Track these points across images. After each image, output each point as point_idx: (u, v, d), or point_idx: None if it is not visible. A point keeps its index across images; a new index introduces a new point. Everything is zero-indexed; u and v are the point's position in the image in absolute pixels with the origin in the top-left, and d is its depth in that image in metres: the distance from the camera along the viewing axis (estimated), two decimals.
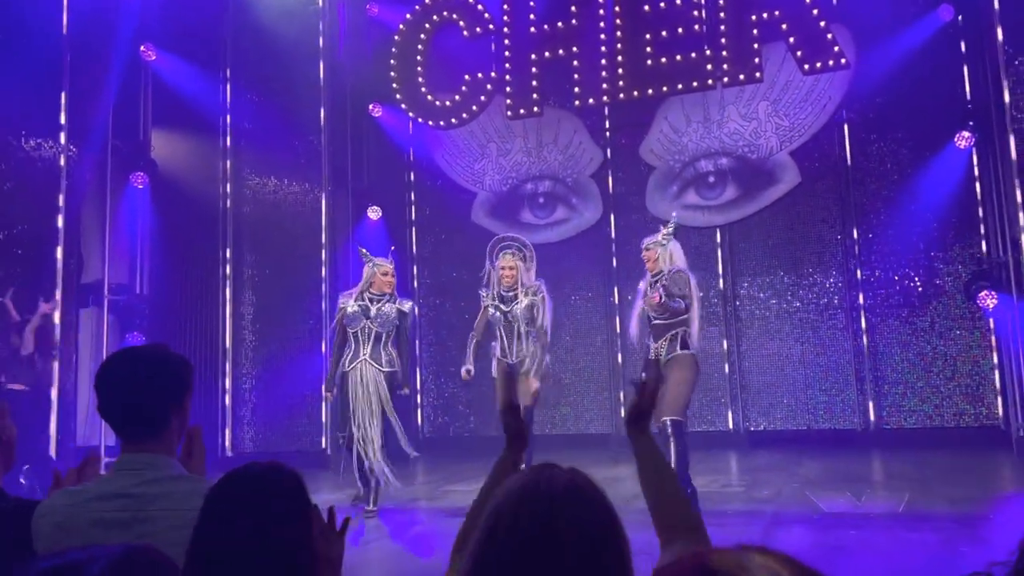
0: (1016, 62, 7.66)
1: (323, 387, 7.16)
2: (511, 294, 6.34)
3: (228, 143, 9.83)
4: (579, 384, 10.20)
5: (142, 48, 9.23)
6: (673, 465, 5.14)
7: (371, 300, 6.27)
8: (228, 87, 9.89)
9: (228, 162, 9.80)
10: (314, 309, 9.36)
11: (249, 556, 1.39)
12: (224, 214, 9.74)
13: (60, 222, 8.40)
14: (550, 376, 6.93)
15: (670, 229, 6.16)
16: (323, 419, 9.08)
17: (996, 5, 7.68)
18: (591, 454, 8.52)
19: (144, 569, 1.03)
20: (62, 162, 8.51)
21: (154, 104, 9.60)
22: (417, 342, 10.70)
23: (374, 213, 10.09)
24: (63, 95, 8.52)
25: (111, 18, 8.82)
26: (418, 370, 10.70)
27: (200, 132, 9.79)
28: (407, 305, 6.45)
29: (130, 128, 9.43)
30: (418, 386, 10.63)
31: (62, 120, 8.50)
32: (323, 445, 9.10)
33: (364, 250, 6.72)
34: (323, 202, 9.54)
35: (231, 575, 1.39)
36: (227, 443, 9.47)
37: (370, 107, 10.35)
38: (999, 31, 7.65)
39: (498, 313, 6.36)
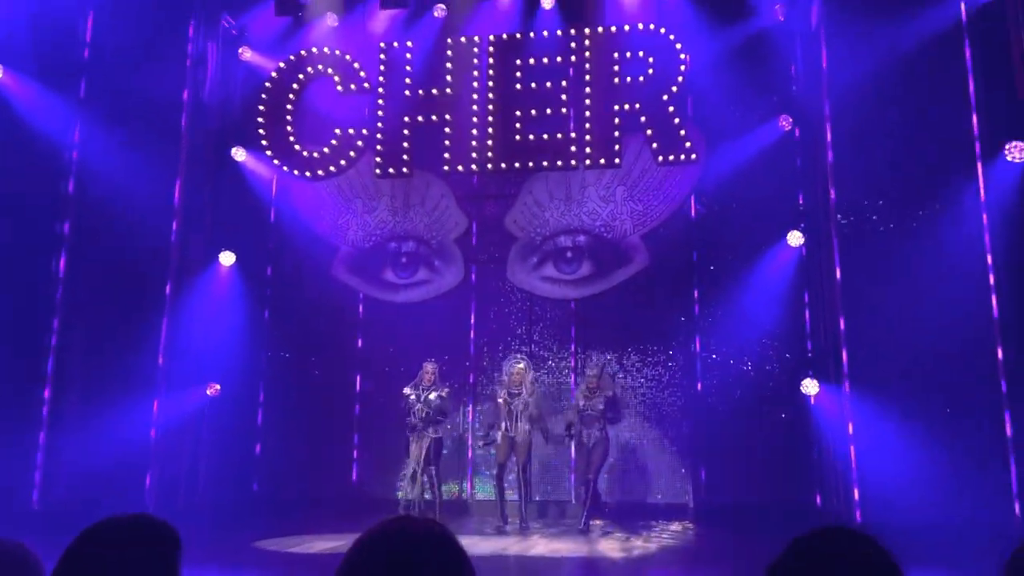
0: (842, 173, 8.49)
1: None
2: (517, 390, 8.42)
3: (74, 173, 9.26)
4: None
5: None
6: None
7: (423, 390, 8.40)
8: (80, 114, 9.37)
9: (72, 194, 9.22)
10: (151, 356, 8.83)
11: None
12: (61, 247, 9.11)
13: None
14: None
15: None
16: (148, 476, 8.49)
17: (828, 120, 8.54)
18: (449, 521, 8.43)
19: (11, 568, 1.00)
20: None
21: None
22: (261, 397, 10.30)
23: (227, 258, 9.74)
24: None
25: None
26: (260, 425, 10.26)
27: (45, 158, 9.17)
28: (444, 391, 8.48)
29: None
30: (258, 442, 10.18)
31: None
32: (147, 502, 8.48)
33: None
34: (172, 243, 9.12)
35: None
36: (36, 495, 8.63)
37: (233, 151, 10.08)
38: (829, 144, 8.49)
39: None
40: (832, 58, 8.56)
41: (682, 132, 9.22)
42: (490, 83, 9.73)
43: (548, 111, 9.57)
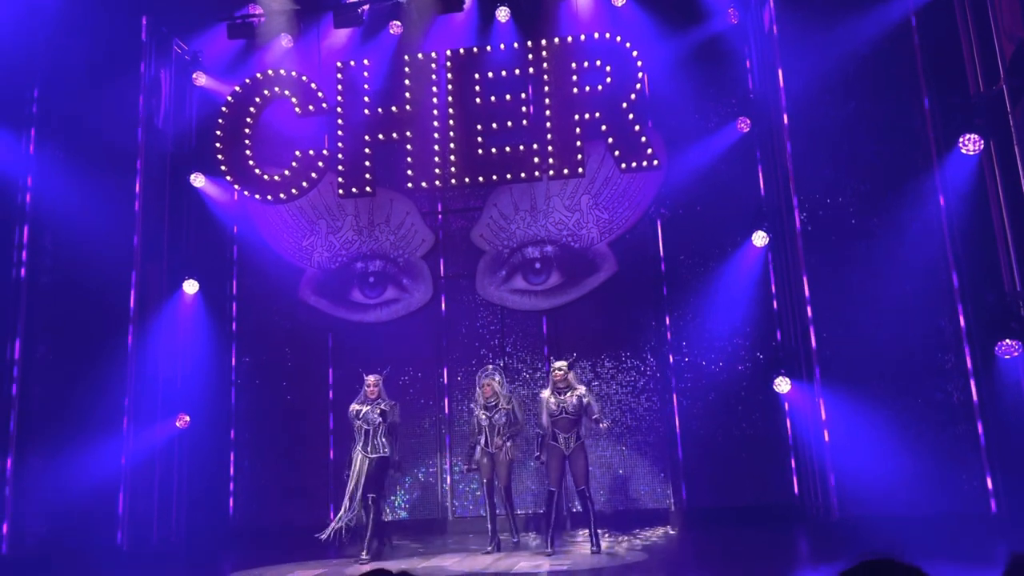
0: (803, 172, 8.57)
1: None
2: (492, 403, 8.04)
3: (29, 206, 9.07)
4: (406, 467, 9.98)
5: None
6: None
7: (367, 405, 7.88)
8: (32, 147, 9.18)
9: (26, 228, 9.02)
10: (116, 390, 8.63)
11: None
12: (18, 284, 8.89)
13: None
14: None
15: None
16: (119, 512, 8.29)
17: (785, 120, 8.62)
18: (423, 540, 8.35)
19: None
20: None
21: None
22: (231, 423, 10.14)
23: (190, 287, 9.58)
24: None
25: None
26: (232, 454, 10.09)
27: None
28: (387, 404, 7.88)
29: None
30: (231, 472, 10.01)
31: None
32: (119, 540, 8.28)
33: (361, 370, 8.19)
34: (133, 274, 8.93)
35: None
36: (5, 543, 8.39)
37: (191, 177, 9.93)
38: (788, 144, 8.57)
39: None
40: (787, 58, 8.65)
41: (643, 139, 9.28)
42: (449, 98, 9.71)
43: (509, 124, 9.57)
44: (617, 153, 9.33)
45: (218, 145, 9.88)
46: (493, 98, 9.63)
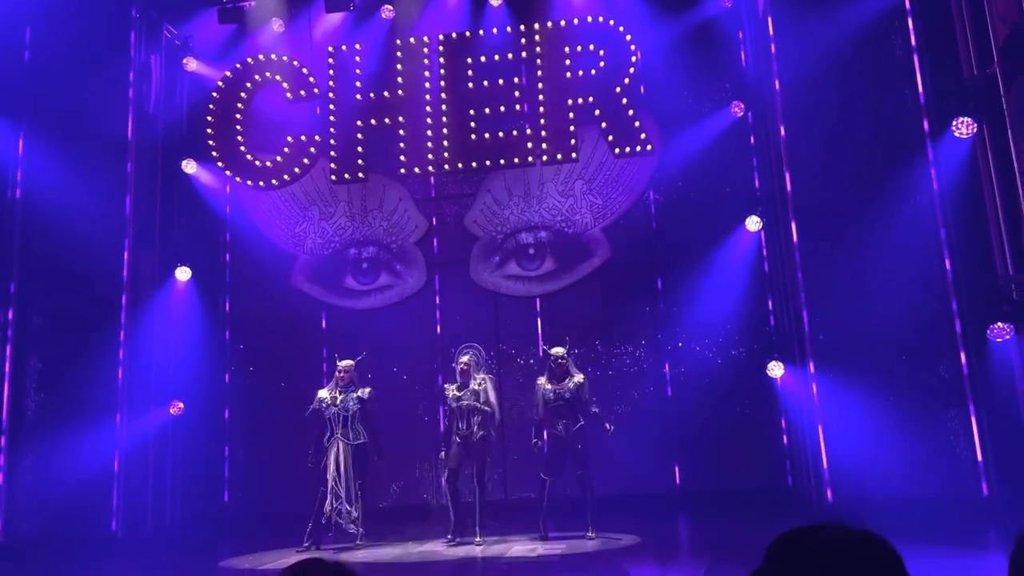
0: (796, 156, 8.55)
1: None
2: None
3: (19, 195, 9.00)
4: (401, 453, 9.99)
5: None
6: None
7: (339, 391, 7.71)
8: (22, 135, 9.10)
9: (17, 216, 8.96)
10: (109, 379, 8.60)
11: None
12: (10, 271, 8.84)
13: None
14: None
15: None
16: (113, 500, 8.28)
17: (779, 105, 8.59)
18: (416, 526, 8.34)
19: None
20: None
21: None
22: (226, 410, 10.13)
23: (183, 274, 9.54)
24: None
25: None
26: (226, 441, 10.08)
27: None
28: (365, 392, 7.70)
29: None
30: (225, 458, 10.00)
31: None
32: (113, 528, 8.28)
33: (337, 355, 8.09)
34: (125, 261, 8.89)
35: None
36: None
37: (183, 163, 9.87)
38: (782, 128, 8.55)
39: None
40: (780, 41, 8.61)
41: (637, 123, 9.25)
42: (442, 83, 9.65)
43: (502, 109, 9.52)
44: (611, 138, 9.29)
45: (209, 131, 9.81)
46: (486, 83, 9.57)
